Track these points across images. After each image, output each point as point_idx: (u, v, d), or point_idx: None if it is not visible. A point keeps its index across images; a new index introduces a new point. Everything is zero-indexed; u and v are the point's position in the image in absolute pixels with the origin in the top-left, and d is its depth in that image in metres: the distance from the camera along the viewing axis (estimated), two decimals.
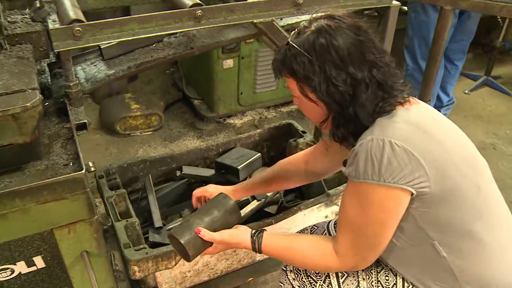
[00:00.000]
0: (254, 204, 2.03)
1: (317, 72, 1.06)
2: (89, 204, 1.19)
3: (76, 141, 1.12)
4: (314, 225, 1.65)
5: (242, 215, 1.99)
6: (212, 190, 1.58)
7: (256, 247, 1.26)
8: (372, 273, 1.30)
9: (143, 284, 1.79)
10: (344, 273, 1.32)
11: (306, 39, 1.07)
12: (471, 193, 1.10)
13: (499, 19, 3.80)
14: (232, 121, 3.45)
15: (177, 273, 1.76)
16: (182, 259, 1.68)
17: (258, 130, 2.37)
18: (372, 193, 1.05)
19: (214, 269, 1.88)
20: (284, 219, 1.86)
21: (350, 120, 1.09)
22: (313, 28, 1.09)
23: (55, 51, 1.16)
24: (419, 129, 1.07)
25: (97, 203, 2.32)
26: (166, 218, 2.14)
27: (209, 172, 2.22)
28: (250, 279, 1.98)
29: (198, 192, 1.64)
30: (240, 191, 1.63)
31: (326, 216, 2.07)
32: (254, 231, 1.29)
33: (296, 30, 1.12)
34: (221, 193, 1.37)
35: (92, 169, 1.31)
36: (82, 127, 1.21)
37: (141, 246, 1.66)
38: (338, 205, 2.05)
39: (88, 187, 1.10)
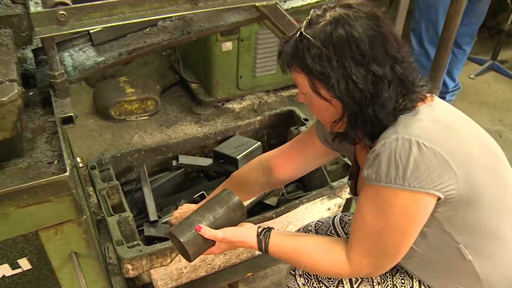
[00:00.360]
0: (252, 197, 1.94)
1: (335, 67, 0.95)
2: (76, 205, 1.09)
3: (60, 138, 1.02)
4: (318, 221, 1.57)
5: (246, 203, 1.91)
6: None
7: (263, 247, 1.17)
8: (387, 277, 1.23)
9: (137, 280, 1.72)
10: (358, 278, 1.25)
11: (321, 30, 0.96)
12: (499, 190, 1.03)
13: (508, 1, 3.66)
14: (230, 106, 3.34)
15: (173, 270, 1.69)
16: (178, 255, 1.61)
17: (258, 117, 2.27)
18: (394, 198, 0.95)
19: (212, 265, 1.80)
20: (286, 213, 1.77)
21: (368, 120, 0.99)
22: (328, 17, 0.97)
23: (37, 37, 1.05)
24: (446, 127, 0.98)
25: (90, 192, 2.23)
26: (161, 210, 2.06)
27: (207, 161, 2.13)
28: (249, 274, 1.91)
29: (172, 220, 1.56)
30: None
31: (329, 209, 1.99)
32: (260, 229, 1.20)
33: (306, 19, 1.00)
34: (225, 189, 1.27)
35: (81, 165, 1.21)
36: (68, 120, 1.10)
37: (135, 242, 1.58)
38: (341, 198, 1.97)
39: (74, 189, 1.01)
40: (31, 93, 1.25)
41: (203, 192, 1.93)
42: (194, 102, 3.31)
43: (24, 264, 1.18)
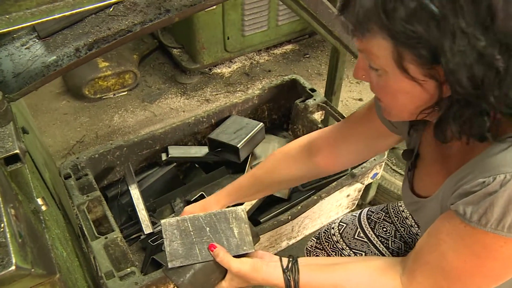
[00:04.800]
0: None
1: (447, 31, 0.61)
2: (42, 270, 0.80)
3: (2, 207, 0.69)
4: (341, 222, 1.31)
5: (248, 207, 1.63)
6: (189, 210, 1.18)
7: (292, 286, 0.91)
8: None
9: None
10: None
11: None
12: None
13: None
14: (219, 71, 2.98)
15: None
16: None
17: (257, 92, 1.93)
18: (500, 245, 0.69)
19: None
20: (304, 212, 1.50)
21: (489, 112, 0.67)
22: None
23: None
24: None
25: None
26: (154, 211, 1.77)
27: (202, 150, 1.82)
28: None
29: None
30: (223, 199, 1.20)
31: (348, 195, 1.73)
32: (285, 262, 0.93)
33: None
34: (236, 207, 0.99)
35: (43, 208, 0.91)
36: (13, 159, 0.78)
37: (129, 270, 1.31)
38: (362, 184, 1.70)
39: (33, 266, 0.70)
40: None
41: (202, 193, 1.64)
42: (177, 70, 2.94)
43: None
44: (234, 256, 0.93)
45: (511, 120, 0.68)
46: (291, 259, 0.94)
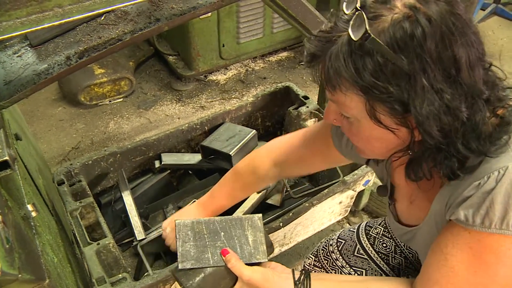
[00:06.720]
0: (254, 198, 1.67)
1: (417, 86, 0.63)
2: (32, 275, 0.81)
3: None
4: (339, 238, 1.29)
5: (240, 213, 1.64)
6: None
7: None
8: None
9: None
10: None
11: (394, 28, 0.63)
12: None
13: None
14: (214, 78, 2.99)
15: None
16: (174, 285, 1.35)
17: (250, 99, 1.95)
18: (508, 248, 0.69)
19: None
20: (295, 219, 1.51)
21: (455, 154, 0.70)
22: (400, 7, 0.64)
23: None
24: None
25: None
26: (147, 217, 1.78)
27: (195, 157, 1.83)
28: None
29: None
30: (205, 210, 1.28)
31: (341, 202, 1.74)
32: (297, 276, 0.91)
33: (357, 11, 0.64)
34: (253, 215, 0.97)
35: (33, 214, 0.92)
36: (3, 166, 0.79)
37: (120, 276, 1.31)
38: (354, 191, 1.71)
39: (20, 272, 0.71)
40: None
41: (195, 200, 1.64)
42: (173, 77, 2.96)
43: None
44: (246, 264, 0.90)
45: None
46: (303, 273, 0.92)
